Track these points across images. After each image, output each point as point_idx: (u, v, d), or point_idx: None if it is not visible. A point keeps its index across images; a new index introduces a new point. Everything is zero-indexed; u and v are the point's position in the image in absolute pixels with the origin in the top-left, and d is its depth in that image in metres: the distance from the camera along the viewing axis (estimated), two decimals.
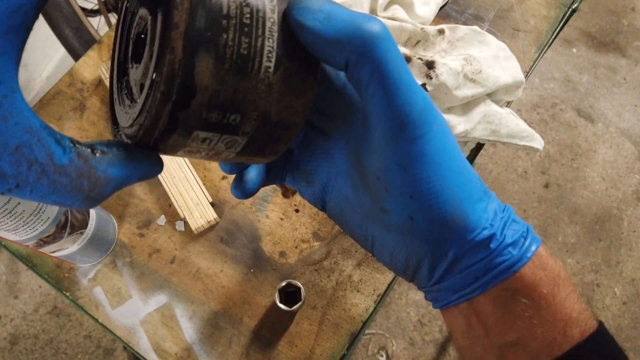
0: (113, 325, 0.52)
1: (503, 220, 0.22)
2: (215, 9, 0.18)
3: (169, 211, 0.56)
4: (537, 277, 0.21)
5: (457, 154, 0.22)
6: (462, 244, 0.22)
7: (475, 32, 0.57)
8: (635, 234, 1.44)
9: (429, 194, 0.21)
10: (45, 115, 0.61)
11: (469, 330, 0.23)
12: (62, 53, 1.51)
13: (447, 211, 0.21)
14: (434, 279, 0.23)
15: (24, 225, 0.40)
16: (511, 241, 0.22)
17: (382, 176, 0.21)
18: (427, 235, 0.22)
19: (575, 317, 0.21)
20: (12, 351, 1.25)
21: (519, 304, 0.21)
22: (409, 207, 0.21)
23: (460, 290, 0.23)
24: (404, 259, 0.24)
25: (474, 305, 0.23)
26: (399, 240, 0.23)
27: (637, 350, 1.30)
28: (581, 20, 1.76)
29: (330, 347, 0.50)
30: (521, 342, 0.22)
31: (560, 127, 1.59)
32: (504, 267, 0.21)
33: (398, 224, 0.22)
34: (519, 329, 0.21)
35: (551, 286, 0.22)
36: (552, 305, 0.21)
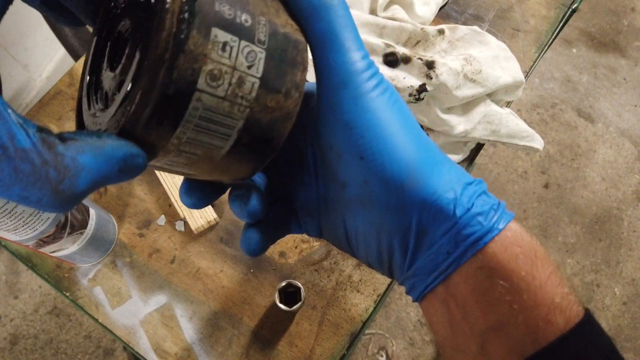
0: (113, 325, 0.52)
1: (471, 189, 0.21)
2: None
3: (169, 211, 0.56)
4: (512, 253, 0.20)
5: (410, 119, 0.21)
6: (423, 208, 0.20)
7: (475, 32, 0.57)
8: (635, 234, 1.44)
9: (379, 152, 0.20)
10: (45, 115, 0.61)
11: (448, 318, 0.22)
12: (62, 53, 1.50)
13: (400, 170, 0.20)
14: (408, 259, 0.22)
15: (23, 225, 0.40)
16: (480, 211, 0.20)
17: (333, 142, 0.21)
18: (385, 200, 0.21)
19: (559, 302, 0.20)
20: (12, 351, 1.25)
21: (497, 286, 0.20)
22: (361, 170, 0.20)
23: (434, 270, 0.21)
24: (376, 242, 0.22)
25: (450, 288, 0.21)
26: (363, 216, 0.22)
27: (637, 350, 1.30)
28: (581, 20, 1.76)
29: (330, 347, 0.50)
30: (502, 327, 0.20)
31: (560, 127, 1.59)
32: (474, 238, 0.20)
33: (357, 196, 0.21)
34: (499, 313, 0.20)
35: (529, 265, 0.20)
36: (533, 287, 0.19)
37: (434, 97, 0.53)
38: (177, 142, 0.18)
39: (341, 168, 0.21)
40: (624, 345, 1.30)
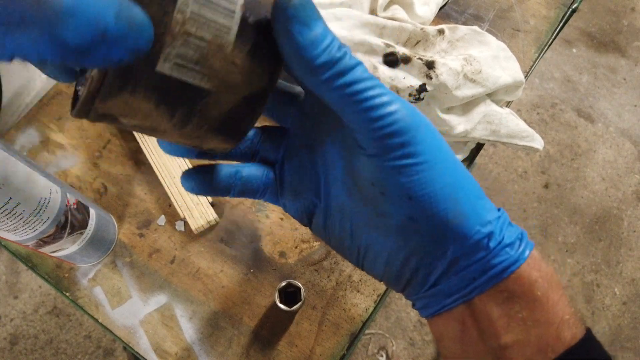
0: (113, 325, 0.52)
1: (501, 220, 0.23)
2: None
3: (169, 211, 0.56)
4: (532, 278, 0.22)
5: (452, 155, 0.23)
6: (462, 242, 0.22)
7: (475, 32, 0.57)
8: (635, 234, 1.44)
9: (428, 193, 0.21)
10: (45, 115, 0.61)
11: (462, 335, 0.23)
12: None
13: (447, 210, 0.21)
14: (430, 282, 0.23)
15: (23, 225, 0.40)
16: (509, 242, 0.22)
17: (377, 181, 0.22)
18: (428, 233, 0.22)
19: (567, 319, 0.22)
20: (12, 351, 1.25)
21: (515, 305, 0.21)
22: (408, 209, 0.22)
23: (456, 293, 0.22)
24: (401, 263, 0.23)
25: (470, 308, 0.22)
26: (398, 241, 0.23)
27: (637, 350, 1.30)
28: (581, 20, 1.76)
29: (330, 347, 0.50)
30: (516, 344, 0.21)
31: (560, 127, 1.59)
32: (502, 267, 0.22)
33: (397, 226, 0.23)
34: (514, 330, 0.21)
35: (545, 288, 0.22)
36: (546, 307, 0.21)
37: (434, 97, 0.53)
38: (182, 19, 0.18)
39: (383, 201, 0.22)
40: (624, 345, 1.30)
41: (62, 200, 0.44)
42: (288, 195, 0.27)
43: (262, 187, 0.27)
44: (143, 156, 0.58)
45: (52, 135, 0.60)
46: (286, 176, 0.27)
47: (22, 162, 0.39)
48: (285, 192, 0.27)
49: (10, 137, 0.61)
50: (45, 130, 0.61)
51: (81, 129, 0.61)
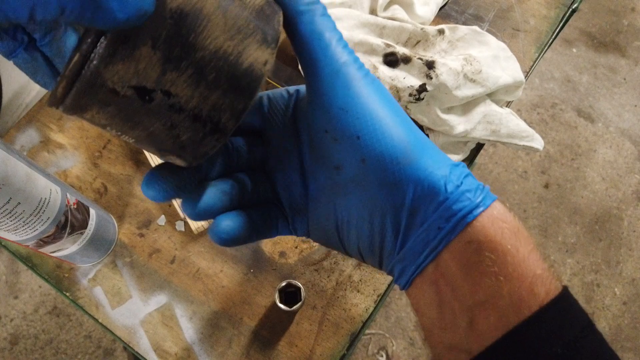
0: (113, 325, 0.52)
1: (458, 169, 0.22)
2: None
3: (169, 211, 0.56)
4: (498, 227, 0.21)
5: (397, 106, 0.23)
6: (417, 184, 0.22)
7: (475, 32, 0.57)
8: (635, 234, 1.44)
9: (375, 130, 0.21)
10: (45, 115, 0.61)
11: (437, 298, 0.22)
12: None
13: (396, 149, 0.22)
14: (399, 240, 0.23)
15: (24, 225, 0.40)
16: (468, 188, 0.22)
17: (328, 126, 0.22)
18: (381, 178, 0.22)
19: (540, 274, 0.21)
20: (12, 351, 1.25)
21: (484, 259, 0.21)
22: (359, 149, 0.22)
23: (425, 248, 0.22)
24: (368, 225, 0.23)
25: (440, 267, 0.22)
26: (357, 197, 0.23)
27: (637, 350, 1.30)
28: (581, 20, 1.76)
29: (330, 347, 0.50)
30: (489, 300, 0.21)
31: (560, 127, 1.59)
32: (464, 212, 0.21)
33: (352, 176, 0.23)
34: (486, 286, 0.21)
35: (513, 240, 0.21)
36: (517, 260, 0.21)
37: (434, 97, 0.53)
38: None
39: (337, 150, 0.23)
40: (624, 345, 1.30)
41: (62, 200, 0.44)
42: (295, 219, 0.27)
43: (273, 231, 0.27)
44: (143, 156, 0.58)
45: (52, 135, 0.60)
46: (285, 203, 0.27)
47: (22, 162, 0.39)
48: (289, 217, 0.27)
49: (10, 137, 0.61)
50: (45, 130, 0.61)
51: (81, 129, 0.61)
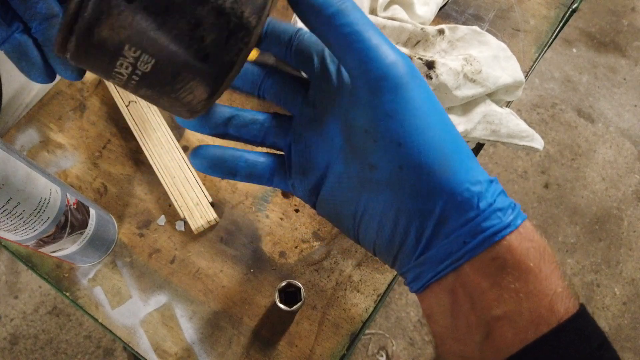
0: (113, 325, 0.52)
1: (493, 186, 0.22)
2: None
3: (169, 211, 0.56)
4: (524, 247, 0.21)
5: (442, 111, 0.23)
6: (450, 197, 0.21)
7: (475, 32, 0.57)
8: (635, 234, 1.44)
9: (417, 141, 0.21)
10: (45, 115, 0.61)
11: (453, 307, 0.22)
12: None
13: (435, 160, 0.21)
14: (421, 245, 0.23)
15: (23, 225, 0.40)
16: (500, 207, 0.21)
17: (370, 127, 0.22)
18: (415, 186, 0.22)
19: (560, 292, 0.21)
20: (12, 351, 1.25)
21: (507, 275, 0.21)
22: (398, 156, 0.22)
23: (447, 259, 0.22)
24: (392, 224, 0.23)
25: (460, 277, 0.22)
26: (387, 198, 0.23)
27: (637, 350, 1.30)
28: (581, 20, 1.76)
29: (330, 347, 0.50)
30: (508, 315, 0.21)
31: (560, 127, 1.59)
32: (492, 231, 0.21)
33: (387, 178, 0.23)
34: (506, 301, 0.21)
35: (538, 259, 0.21)
36: (539, 278, 0.21)
37: None
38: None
39: (375, 151, 0.22)
40: (624, 345, 1.30)
41: (62, 200, 0.44)
42: (296, 176, 0.28)
43: (269, 173, 0.28)
44: (143, 156, 0.58)
45: (52, 135, 0.60)
46: (293, 159, 0.28)
47: (22, 162, 0.39)
48: (293, 174, 0.28)
49: (10, 137, 0.61)
50: (45, 130, 0.61)
51: (81, 129, 0.61)
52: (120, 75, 0.21)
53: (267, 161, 0.28)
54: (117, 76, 0.21)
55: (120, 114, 0.60)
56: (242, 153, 0.28)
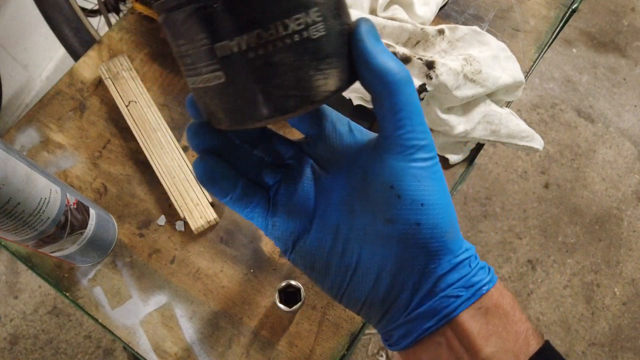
0: (113, 325, 0.52)
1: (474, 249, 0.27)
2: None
3: (169, 211, 0.56)
4: (501, 297, 0.25)
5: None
6: (453, 257, 0.25)
7: (475, 32, 0.57)
8: (635, 234, 1.44)
9: (437, 203, 0.24)
10: (45, 115, 0.61)
11: (448, 355, 0.25)
12: (62, 53, 1.50)
13: (447, 221, 0.25)
14: (415, 301, 0.25)
15: (23, 225, 0.40)
16: (482, 266, 0.26)
17: (396, 184, 0.24)
18: (427, 244, 0.24)
19: (531, 332, 0.25)
20: (12, 351, 1.25)
21: (492, 319, 0.25)
22: (418, 215, 0.24)
23: (442, 311, 0.25)
24: (391, 279, 0.25)
25: (453, 326, 0.25)
26: (392, 253, 0.25)
27: (637, 350, 1.30)
28: (581, 20, 1.76)
29: (330, 347, 0.50)
30: (495, 354, 0.24)
31: (560, 127, 1.59)
32: (480, 285, 0.25)
33: (400, 234, 0.25)
34: (492, 343, 0.24)
35: (511, 306, 0.25)
36: (514, 321, 0.25)
37: (434, 97, 0.53)
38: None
39: (396, 207, 0.25)
40: (624, 345, 1.30)
41: (62, 200, 0.44)
42: (280, 215, 0.28)
43: (254, 203, 0.28)
44: (143, 156, 0.58)
45: (52, 135, 0.60)
46: (280, 198, 0.28)
47: (22, 162, 0.39)
48: (278, 213, 0.28)
49: (10, 137, 0.61)
50: (45, 130, 0.61)
51: (81, 129, 0.61)
52: (283, 28, 0.21)
53: (255, 192, 0.28)
54: (277, 27, 0.21)
55: (120, 114, 0.60)
56: (239, 178, 0.28)
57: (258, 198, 0.28)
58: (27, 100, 1.45)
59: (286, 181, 0.29)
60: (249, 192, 0.28)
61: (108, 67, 0.62)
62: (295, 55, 0.21)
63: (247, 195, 0.28)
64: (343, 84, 0.23)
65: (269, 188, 0.29)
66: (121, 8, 1.07)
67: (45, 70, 1.50)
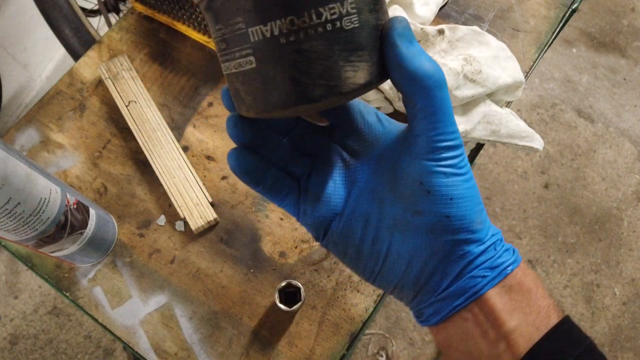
0: (113, 325, 0.52)
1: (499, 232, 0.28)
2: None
3: (169, 211, 0.56)
4: (525, 276, 0.27)
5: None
6: (481, 243, 0.26)
7: (475, 32, 0.57)
8: (635, 234, 1.44)
9: (466, 196, 0.26)
10: (45, 115, 0.61)
11: (475, 330, 0.27)
12: (62, 53, 1.50)
13: (474, 212, 0.26)
14: (445, 283, 0.27)
15: (23, 225, 0.40)
16: (507, 248, 0.28)
17: (426, 181, 0.25)
18: (456, 232, 0.26)
19: (552, 307, 0.27)
20: (12, 351, 1.25)
21: (515, 296, 0.26)
22: (448, 208, 0.25)
23: (468, 291, 0.26)
24: (421, 265, 0.27)
25: (480, 303, 0.26)
26: (423, 242, 0.26)
27: (637, 350, 1.30)
28: (581, 20, 1.76)
29: (330, 347, 0.50)
30: (518, 327, 0.26)
31: (560, 127, 1.59)
32: (505, 265, 0.27)
33: (429, 225, 0.26)
34: (515, 317, 0.26)
35: (533, 283, 0.27)
36: (536, 297, 0.27)
37: None
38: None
39: (426, 201, 0.26)
40: (624, 345, 1.30)
41: (62, 200, 0.44)
42: (310, 203, 0.29)
43: (285, 191, 0.29)
44: (143, 156, 0.58)
45: (52, 135, 0.60)
46: (311, 188, 0.29)
47: (22, 162, 0.39)
48: (308, 201, 0.29)
49: (10, 137, 0.61)
50: (45, 130, 0.61)
51: (81, 129, 0.61)
52: (316, 16, 0.21)
53: (285, 181, 0.29)
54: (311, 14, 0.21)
55: (120, 114, 0.60)
56: (270, 169, 0.29)
57: (289, 187, 0.29)
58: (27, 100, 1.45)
59: (316, 170, 0.30)
60: (279, 182, 0.29)
61: (108, 67, 0.62)
62: (326, 44, 0.21)
63: (278, 185, 0.29)
64: (373, 79, 0.23)
65: (299, 177, 0.30)
66: (121, 8, 1.07)
67: (45, 70, 1.50)
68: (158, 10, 0.65)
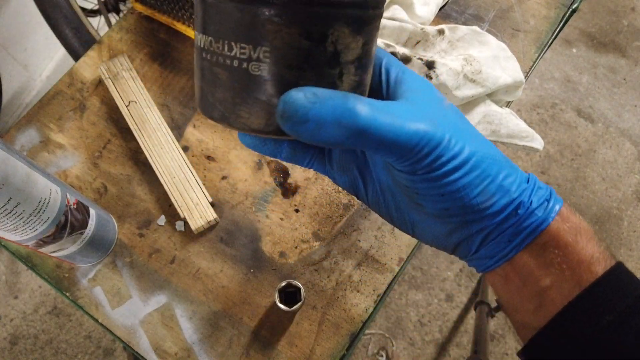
0: (113, 325, 0.52)
1: (529, 189, 0.26)
2: None
3: (169, 211, 0.56)
4: (562, 229, 0.25)
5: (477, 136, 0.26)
6: (493, 218, 0.25)
7: (475, 32, 0.57)
8: (635, 234, 1.44)
9: (458, 190, 0.24)
10: (45, 115, 0.61)
11: (507, 287, 0.27)
12: (62, 53, 1.50)
13: (477, 198, 0.24)
14: (472, 251, 0.27)
15: (24, 225, 0.40)
16: (537, 205, 0.25)
17: (410, 186, 0.25)
18: (462, 218, 0.25)
19: (597, 256, 0.25)
20: (12, 351, 1.25)
21: (549, 253, 0.25)
22: (442, 203, 0.25)
23: (497, 255, 0.26)
24: (444, 239, 0.27)
25: (511, 264, 0.26)
26: (437, 223, 0.27)
27: None
28: (581, 20, 1.76)
29: (330, 347, 0.50)
30: (554, 285, 0.25)
31: (560, 127, 1.59)
32: (532, 228, 0.25)
33: (434, 214, 0.26)
34: (551, 274, 0.25)
35: (574, 235, 0.25)
36: (577, 250, 0.25)
37: None
38: None
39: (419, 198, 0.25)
40: None
41: (62, 200, 0.44)
42: (337, 170, 0.30)
43: (309, 157, 0.30)
44: (143, 156, 0.58)
45: (52, 135, 0.60)
46: (334, 155, 0.30)
47: (22, 162, 0.39)
48: (335, 167, 0.30)
49: (10, 137, 0.61)
50: (45, 130, 0.61)
51: (81, 129, 0.61)
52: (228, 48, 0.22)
53: (306, 150, 0.30)
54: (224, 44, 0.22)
55: (120, 114, 0.60)
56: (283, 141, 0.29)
57: (311, 155, 0.30)
58: (27, 100, 1.45)
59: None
60: (299, 152, 0.29)
61: (108, 67, 0.62)
62: (228, 77, 0.22)
63: (297, 155, 0.29)
64: (269, 129, 0.22)
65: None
66: (121, 8, 1.07)
67: (45, 70, 1.50)
68: (158, 10, 0.65)
